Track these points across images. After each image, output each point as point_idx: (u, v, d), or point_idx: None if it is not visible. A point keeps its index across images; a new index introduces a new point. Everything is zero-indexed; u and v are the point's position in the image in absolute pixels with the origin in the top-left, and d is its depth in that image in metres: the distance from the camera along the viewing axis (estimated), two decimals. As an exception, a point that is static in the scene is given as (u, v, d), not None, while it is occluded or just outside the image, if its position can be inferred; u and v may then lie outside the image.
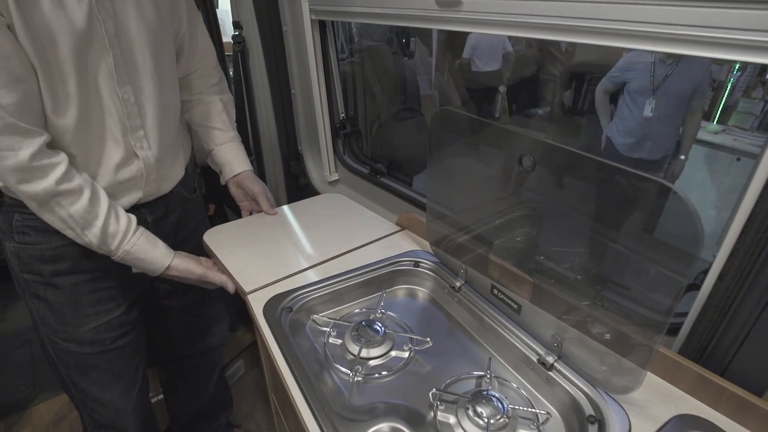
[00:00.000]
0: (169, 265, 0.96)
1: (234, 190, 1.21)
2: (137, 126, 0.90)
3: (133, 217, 0.92)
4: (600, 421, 0.64)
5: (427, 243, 1.02)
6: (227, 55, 1.76)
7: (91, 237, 0.86)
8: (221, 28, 1.68)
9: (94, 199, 0.85)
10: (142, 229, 0.93)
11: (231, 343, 1.91)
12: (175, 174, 1.06)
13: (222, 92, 1.16)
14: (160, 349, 1.33)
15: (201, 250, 1.12)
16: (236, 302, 1.24)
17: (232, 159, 1.17)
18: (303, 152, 1.59)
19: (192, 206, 1.17)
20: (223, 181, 1.22)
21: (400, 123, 1.92)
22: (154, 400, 1.42)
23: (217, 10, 1.67)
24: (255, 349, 2.08)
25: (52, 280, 0.94)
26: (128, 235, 0.90)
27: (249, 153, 1.68)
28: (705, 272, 0.65)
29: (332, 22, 1.29)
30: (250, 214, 1.24)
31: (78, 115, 0.81)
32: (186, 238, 1.13)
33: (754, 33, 0.50)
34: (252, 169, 1.21)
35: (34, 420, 1.71)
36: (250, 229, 1.16)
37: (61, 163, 0.80)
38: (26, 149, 0.76)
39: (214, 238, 1.12)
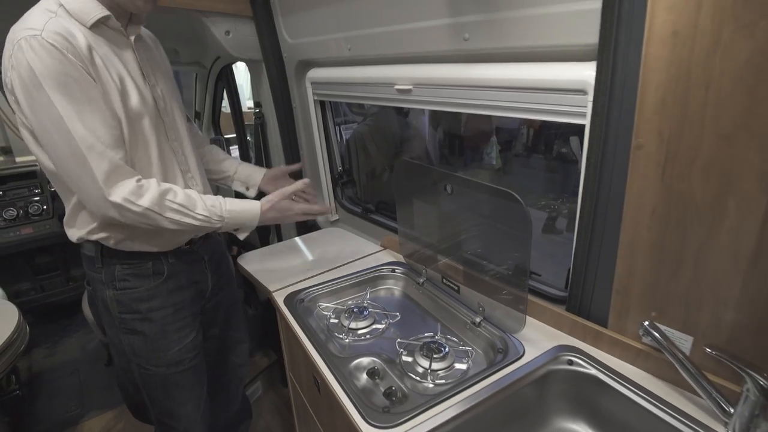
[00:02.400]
0: (261, 210, 1.16)
1: (271, 188, 1.39)
2: (187, 169, 1.20)
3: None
4: (504, 350, 0.98)
5: (401, 256, 1.40)
6: (247, 125, 2.21)
7: (201, 211, 1.07)
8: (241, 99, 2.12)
9: (184, 190, 1.09)
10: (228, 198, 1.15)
11: (250, 366, 2.22)
12: None
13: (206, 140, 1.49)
14: None
15: (232, 283, 1.46)
16: (254, 331, 1.57)
17: (252, 169, 1.42)
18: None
19: (221, 246, 1.45)
20: (254, 190, 1.42)
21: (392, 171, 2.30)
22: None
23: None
24: (271, 372, 2.38)
25: (148, 315, 1.17)
26: (221, 200, 1.12)
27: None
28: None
29: (330, 101, 1.75)
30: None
31: (157, 165, 1.12)
32: (223, 274, 1.42)
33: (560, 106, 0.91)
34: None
35: (85, 432, 2.02)
36: (270, 254, 1.55)
37: (150, 180, 1.05)
38: (131, 177, 1.02)
39: (246, 260, 1.50)
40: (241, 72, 2.55)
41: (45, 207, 2.47)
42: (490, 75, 1.02)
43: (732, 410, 0.76)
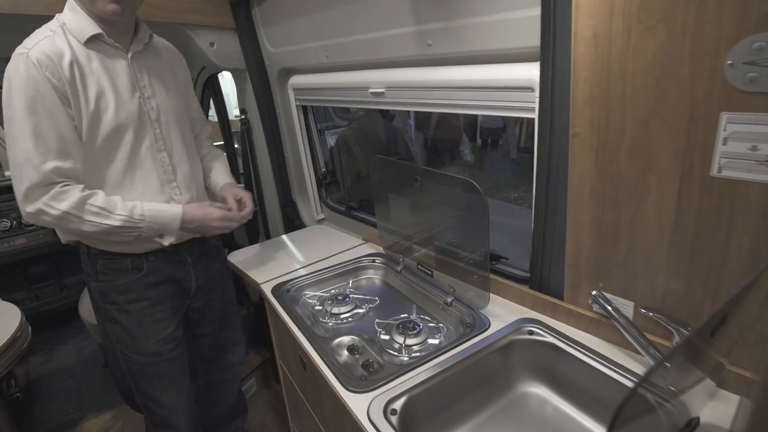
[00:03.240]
0: (183, 211, 1.22)
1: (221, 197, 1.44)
2: (171, 179, 1.28)
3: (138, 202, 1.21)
4: (472, 324, 1.08)
5: (381, 248, 1.50)
6: (234, 132, 2.29)
7: (121, 211, 1.14)
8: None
9: (107, 195, 1.16)
10: (150, 202, 1.21)
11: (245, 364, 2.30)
12: None
13: (214, 149, 1.59)
14: (193, 368, 1.65)
15: (226, 286, 1.55)
16: (247, 330, 1.66)
17: (219, 175, 1.50)
18: (296, 200, 2.10)
19: (215, 250, 1.53)
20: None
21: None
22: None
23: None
24: (265, 369, 2.46)
25: (125, 306, 1.28)
26: (142, 204, 1.19)
27: (254, 204, 2.18)
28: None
29: (312, 106, 1.85)
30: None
31: (124, 172, 1.20)
32: (213, 276, 1.51)
33: (513, 102, 1.02)
34: (235, 183, 1.50)
35: (84, 433, 2.08)
36: (259, 251, 1.64)
37: (75, 186, 1.12)
38: (56, 185, 1.11)
39: (236, 257, 1.59)
40: (227, 81, 2.64)
41: (38, 218, 2.53)
42: (452, 77, 1.13)
43: (668, 364, 0.87)
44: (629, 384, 0.90)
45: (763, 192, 0.69)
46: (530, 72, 0.96)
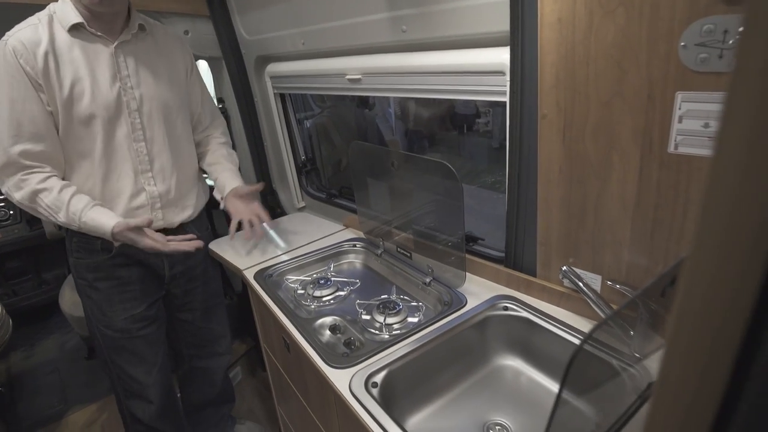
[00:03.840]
0: (112, 232, 1.21)
1: (231, 204, 1.47)
2: (146, 170, 1.30)
3: (88, 199, 1.22)
4: (450, 302, 1.12)
5: (362, 233, 1.52)
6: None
7: (62, 218, 1.19)
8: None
9: (61, 192, 1.19)
10: (98, 206, 1.23)
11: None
12: (182, 213, 1.41)
13: (227, 146, 1.60)
14: (178, 351, 1.71)
15: (210, 278, 1.58)
16: (231, 320, 1.69)
17: (226, 181, 1.49)
18: (276, 188, 2.10)
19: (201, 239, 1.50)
20: (221, 199, 1.49)
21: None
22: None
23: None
24: (250, 357, 2.48)
25: (94, 283, 1.35)
26: (83, 212, 1.19)
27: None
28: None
29: (289, 94, 1.85)
30: (247, 224, 1.47)
31: (99, 159, 1.23)
32: (193, 266, 1.53)
33: (486, 86, 1.05)
34: (244, 192, 1.48)
35: (69, 425, 2.07)
36: (240, 238, 1.65)
37: (33, 176, 1.17)
38: (21, 172, 1.17)
39: (217, 245, 1.60)
40: (203, 70, 2.61)
41: (12, 212, 2.47)
42: (426, 62, 1.15)
43: (632, 332, 0.92)
44: (597, 352, 0.95)
45: (715, 167, 0.74)
46: (501, 56, 0.99)
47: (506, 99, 1.02)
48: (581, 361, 0.46)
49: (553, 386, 1.02)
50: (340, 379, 0.90)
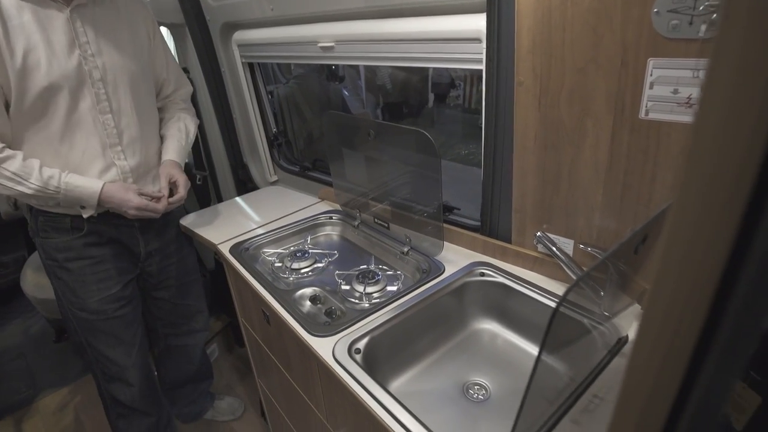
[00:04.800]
0: (102, 191, 1.19)
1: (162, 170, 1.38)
2: (115, 143, 1.24)
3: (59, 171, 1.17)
4: (428, 270, 1.14)
5: (338, 206, 1.52)
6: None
7: (35, 181, 1.12)
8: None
9: (26, 160, 1.13)
10: (73, 173, 1.18)
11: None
12: (155, 185, 1.37)
13: (186, 111, 1.52)
14: (154, 330, 1.69)
15: (185, 254, 1.54)
16: (206, 298, 1.68)
17: (166, 149, 1.42)
18: (247, 162, 2.06)
19: (171, 216, 1.49)
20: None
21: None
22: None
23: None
24: (226, 334, 2.47)
25: (64, 264, 1.30)
26: (61, 176, 1.16)
27: (203, 168, 2.12)
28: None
29: (259, 63, 1.79)
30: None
31: (61, 134, 1.16)
32: (168, 242, 1.50)
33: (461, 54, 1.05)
34: (180, 163, 1.42)
35: (40, 410, 2.02)
36: (212, 213, 1.61)
37: None
38: None
39: (188, 220, 1.57)
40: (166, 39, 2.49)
41: (-38, 194, 2.33)
42: (401, 29, 1.13)
43: (602, 293, 0.96)
44: (570, 313, 1.00)
45: (683, 131, 0.76)
46: (477, 23, 0.98)
47: (482, 67, 1.02)
48: (558, 322, 0.48)
49: (527, 346, 1.07)
50: (323, 347, 0.91)
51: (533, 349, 1.06)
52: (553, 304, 1.01)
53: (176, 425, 1.73)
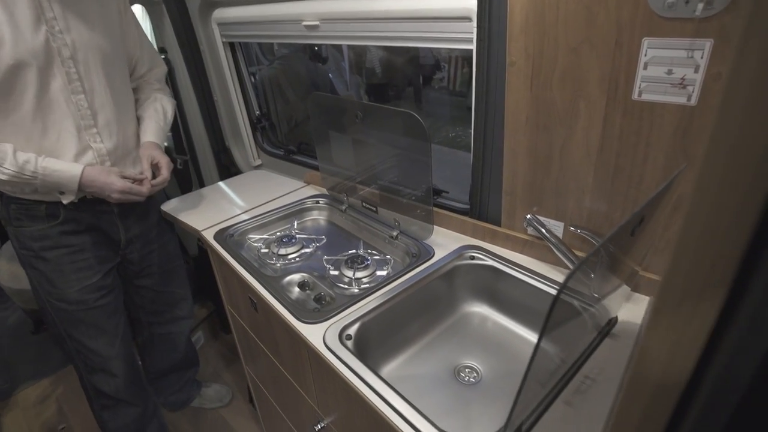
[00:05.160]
0: (82, 174, 1.15)
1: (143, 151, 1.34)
2: (90, 125, 1.19)
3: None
4: (418, 254, 1.13)
5: (325, 190, 1.49)
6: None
7: (9, 166, 1.08)
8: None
9: (7, 143, 1.09)
10: (50, 158, 1.14)
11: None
12: (135, 167, 1.33)
13: (162, 92, 1.46)
14: (137, 319, 1.65)
15: (167, 240, 1.50)
16: (191, 284, 1.64)
17: (145, 131, 1.38)
18: (230, 146, 2.00)
19: (152, 201, 1.45)
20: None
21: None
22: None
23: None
24: (211, 321, 2.44)
25: (40, 253, 1.25)
26: (38, 160, 1.11)
27: (184, 152, 2.06)
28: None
29: (240, 43, 1.73)
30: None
31: (33, 116, 1.10)
32: (149, 228, 1.46)
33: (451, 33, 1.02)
34: (160, 144, 1.38)
35: (20, 402, 1.98)
36: (194, 199, 1.57)
37: None
38: None
39: (170, 206, 1.52)
40: (139, 17, 2.38)
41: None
42: (389, 7, 1.10)
43: (593, 275, 0.97)
44: (565, 297, 1.00)
45: (676, 112, 0.76)
46: (468, 1, 0.95)
47: (473, 47, 0.99)
48: (558, 309, 0.47)
49: (518, 329, 1.07)
50: (313, 334, 0.90)
51: (523, 332, 1.06)
52: (542, 287, 1.01)
53: (163, 414, 1.70)
